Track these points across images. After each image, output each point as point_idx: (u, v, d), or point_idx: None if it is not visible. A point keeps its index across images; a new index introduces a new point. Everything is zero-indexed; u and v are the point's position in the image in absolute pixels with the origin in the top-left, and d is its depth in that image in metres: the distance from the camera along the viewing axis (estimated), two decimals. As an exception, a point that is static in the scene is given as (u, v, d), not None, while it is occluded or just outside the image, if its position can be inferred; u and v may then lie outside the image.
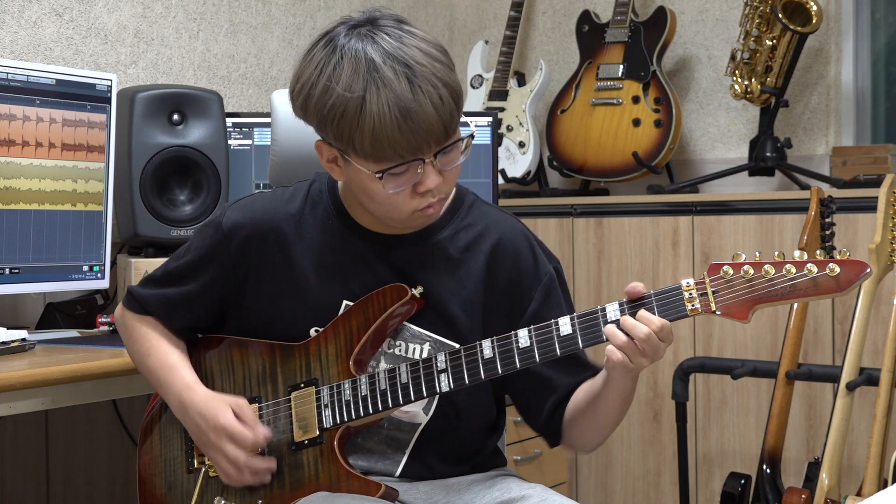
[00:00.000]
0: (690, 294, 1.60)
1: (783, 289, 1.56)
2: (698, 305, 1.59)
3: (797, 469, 3.14)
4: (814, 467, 2.71)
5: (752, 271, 1.58)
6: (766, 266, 1.58)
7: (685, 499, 3.19)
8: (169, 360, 1.84)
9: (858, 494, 2.59)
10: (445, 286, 1.78)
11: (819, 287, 1.55)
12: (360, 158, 1.65)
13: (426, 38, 1.65)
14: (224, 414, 1.76)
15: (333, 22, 1.69)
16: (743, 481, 2.82)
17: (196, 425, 1.79)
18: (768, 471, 2.75)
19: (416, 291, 1.76)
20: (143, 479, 1.91)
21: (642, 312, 1.61)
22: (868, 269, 1.55)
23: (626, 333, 1.61)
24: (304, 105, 1.68)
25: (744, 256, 1.60)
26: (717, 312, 1.58)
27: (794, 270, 1.56)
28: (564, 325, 1.65)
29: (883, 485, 2.58)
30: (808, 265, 1.56)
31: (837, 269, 1.54)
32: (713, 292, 1.59)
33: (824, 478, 2.59)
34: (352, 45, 1.63)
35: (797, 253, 1.58)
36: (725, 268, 1.59)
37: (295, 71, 1.69)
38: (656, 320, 1.60)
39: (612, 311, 1.63)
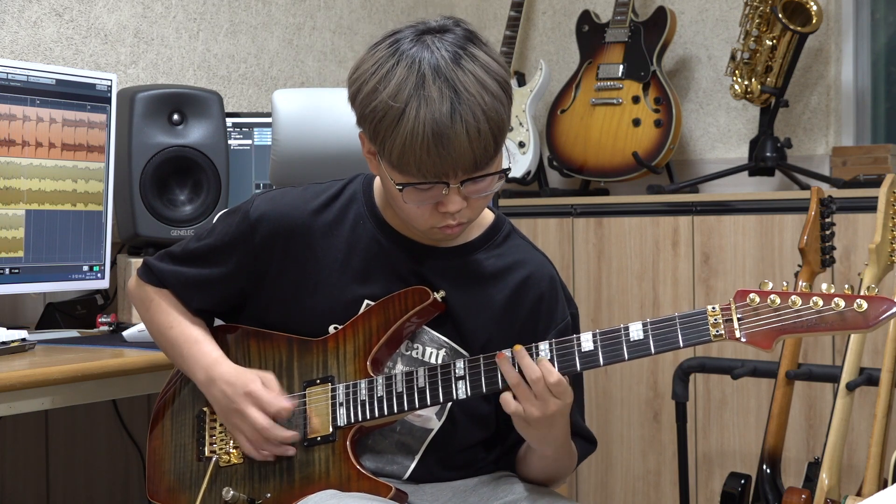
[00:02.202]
0: (715, 319, 1.59)
1: (809, 321, 1.54)
2: (723, 331, 1.58)
3: (797, 469, 3.14)
4: (814, 467, 2.71)
5: (778, 301, 1.56)
6: (793, 297, 1.55)
7: (685, 499, 3.19)
8: (193, 333, 1.85)
9: (858, 494, 2.59)
10: (467, 302, 1.79)
11: (846, 322, 1.53)
12: (388, 165, 1.65)
13: (488, 66, 1.63)
14: (253, 382, 1.76)
15: (407, 22, 1.68)
16: (743, 481, 2.82)
17: (223, 393, 1.78)
18: (768, 471, 2.75)
19: (439, 295, 1.76)
20: (153, 463, 1.91)
21: (543, 362, 1.63)
22: None
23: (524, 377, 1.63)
24: (353, 96, 1.68)
25: (770, 285, 1.58)
26: (742, 339, 1.58)
27: (821, 303, 1.54)
28: (586, 340, 1.64)
29: (883, 485, 2.58)
30: (836, 299, 1.54)
31: (865, 305, 1.52)
32: (738, 319, 1.58)
33: (824, 478, 2.59)
34: (411, 53, 1.62)
35: (824, 286, 1.56)
36: (752, 295, 1.58)
37: (357, 60, 1.69)
38: (554, 374, 1.62)
39: (636, 330, 1.62)
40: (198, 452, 1.86)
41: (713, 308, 1.59)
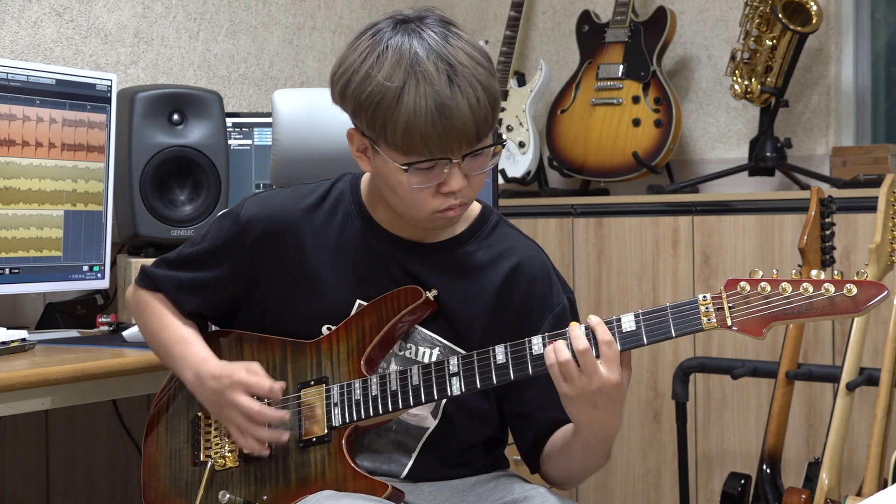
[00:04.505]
0: (707, 308, 1.59)
1: (800, 307, 1.55)
2: (714, 320, 1.58)
3: (797, 469, 3.14)
4: (814, 467, 2.71)
5: (768, 288, 1.57)
6: (784, 284, 1.56)
7: (685, 499, 3.19)
8: (184, 334, 1.85)
9: (858, 494, 2.59)
10: (459, 297, 1.79)
11: (836, 307, 1.54)
12: (390, 149, 1.66)
13: (471, 42, 1.67)
14: (238, 371, 1.76)
15: (382, 15, 1.71)
16: (743, 481, 2.82)
17: (211, 389, 1.78)
18: (768, 471, 2.75)
19: (431, 294, 1.77)
20: (148, 469, 1.92)
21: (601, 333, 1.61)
22: (885, 292, 1.54)
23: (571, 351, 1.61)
24: (342, 90, 1.69)
25: (760, 273, 1.59)
26: (734, 328, 1.58)
27: (811, 289, 1.55)
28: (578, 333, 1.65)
29: (883, 485, 2.58)
30: (826, 284, 1.54)
31: (855, 290, 1.53)
32: (730, 307, 1.58)
33: (824, 478, 2.59)
34: (397, 39, 1.64)
35: (814, 272, 1.57)
36: (742, 283, 1.58)
37: (338, 58, 1.71)
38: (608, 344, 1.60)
39: (627, 321, 1.62)
40: (193, 457, 1.86)
41: (704, 297, 1.60)
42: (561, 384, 1.61)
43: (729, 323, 1.58)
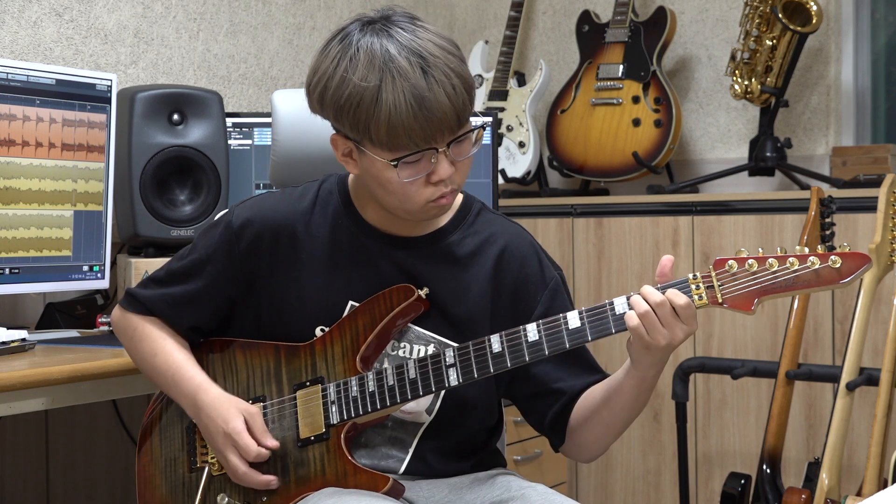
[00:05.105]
0: (697, 286, 1.63)
1: (786, 280, 1.60)
2: (705, 298, 1.63)
3: (797, 469, 3.14)
4: (814, 467, 2.71)
5: (756, 265, 1.61)
6: (770, 259, 1.61)
7: (685, 499, 3.19)
8: (177, 359, 1.84)
9: (858, 494, 2.59)
10: (451, 289, 1.80)
11: (821, 278, 1.59)
12: (376, 148, 1.67)
13: (439, 33, 1.70)
14: (234, 421, 1.75)
15: (348, 19, 1.72)
16: (743, 481, 2.82)
17: (205, 427, 1.79)
18: (768, 471, 2.75)
19: (423, 293, 1.77)
20: (144, 479, 1.91)
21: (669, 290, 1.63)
22: (869, 262, 1.59)
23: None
24: (320, 98, 1.70)
25: (746, 252, 1.63)
26: (724, 304, 1.62)
27: (796, 263, 1.60)
28: (573, 318, 1.67)
29: (883, 485, 2.58)
30: (811, 258, 1.60)
31: (839, 261, 1.58)
32: (719, 285, 1.62)
33: (824, 478, 2.59)
34: (367, 40, 1.66)
35: (798, 248, 1.62)
36: (730, 262, 1.62)
37: (311, 67, 1.72)
38: (681, 297, 1.62)
39: (620, 304, 1.65)
40: (189, 464, 1.86)
41: (694, 276, 1.64)
42: (651, 337, 1.62)
43: (719, 300, 1.62)
